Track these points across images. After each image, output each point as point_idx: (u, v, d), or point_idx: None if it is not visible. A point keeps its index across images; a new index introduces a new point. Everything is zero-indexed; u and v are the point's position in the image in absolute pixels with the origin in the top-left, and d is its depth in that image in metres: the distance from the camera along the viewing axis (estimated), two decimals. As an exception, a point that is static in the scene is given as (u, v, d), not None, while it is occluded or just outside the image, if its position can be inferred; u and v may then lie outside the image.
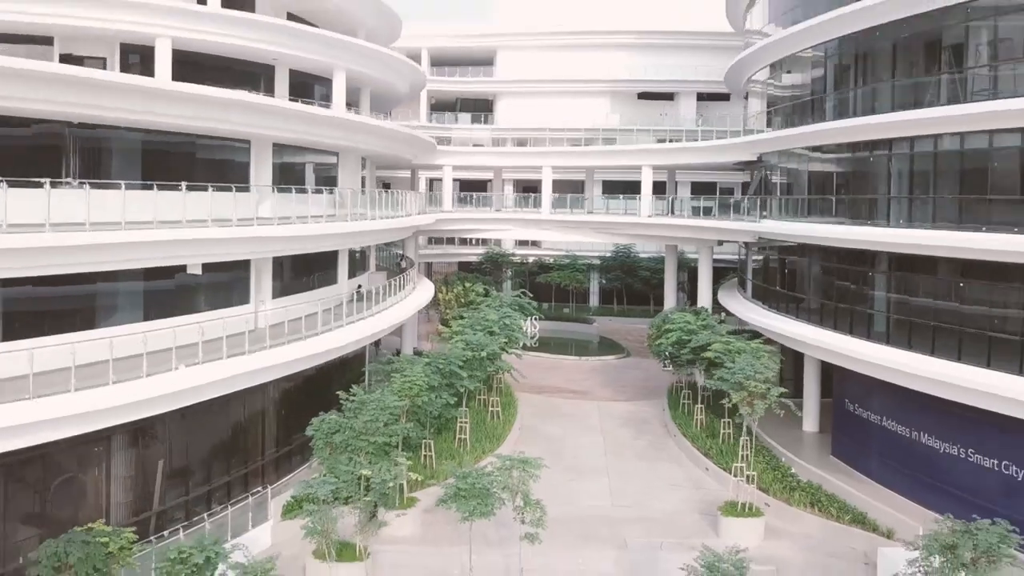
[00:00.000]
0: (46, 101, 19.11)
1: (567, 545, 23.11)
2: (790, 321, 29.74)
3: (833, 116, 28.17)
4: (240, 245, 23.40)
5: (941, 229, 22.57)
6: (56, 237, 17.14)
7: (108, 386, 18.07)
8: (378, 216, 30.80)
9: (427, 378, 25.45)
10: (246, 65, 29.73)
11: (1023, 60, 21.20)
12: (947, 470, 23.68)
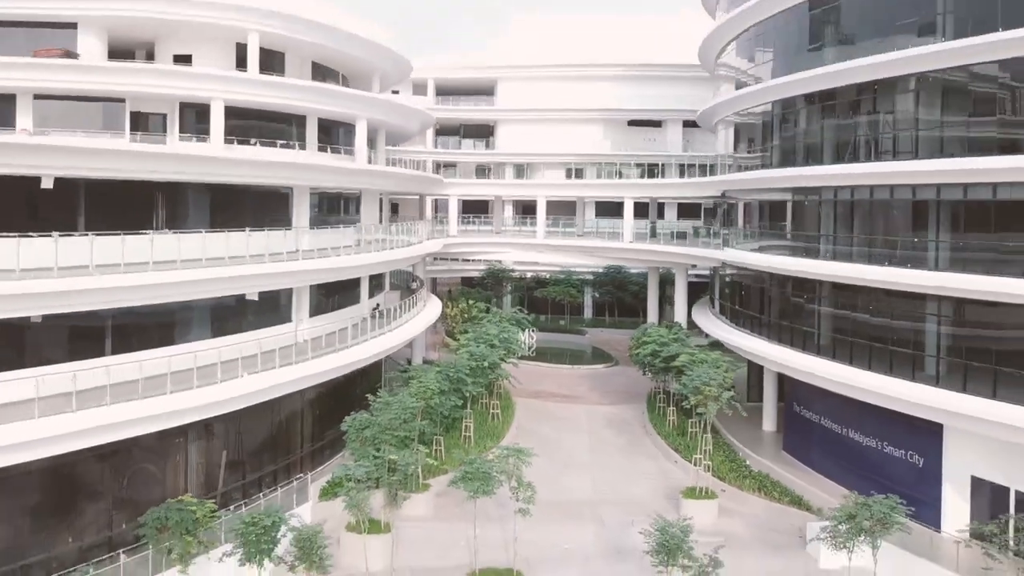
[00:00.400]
0: (149, 171, 24.26)
1: (555, 522, 28.13)
2: (749, 337, 34.81)
3: (777, 165, 33.37)
4: (287, 277, 28.53)
5: (857, 263, 27.70)
6: (156, 276, 22.26)
7: (192, 390, 23.14)
8: (395, 246, 35.97)
9: (438, 384, 30.57)
10: (283, 116, 34.99)
11: (912, 130, 26.35)
12: (868, 459, 28.74)
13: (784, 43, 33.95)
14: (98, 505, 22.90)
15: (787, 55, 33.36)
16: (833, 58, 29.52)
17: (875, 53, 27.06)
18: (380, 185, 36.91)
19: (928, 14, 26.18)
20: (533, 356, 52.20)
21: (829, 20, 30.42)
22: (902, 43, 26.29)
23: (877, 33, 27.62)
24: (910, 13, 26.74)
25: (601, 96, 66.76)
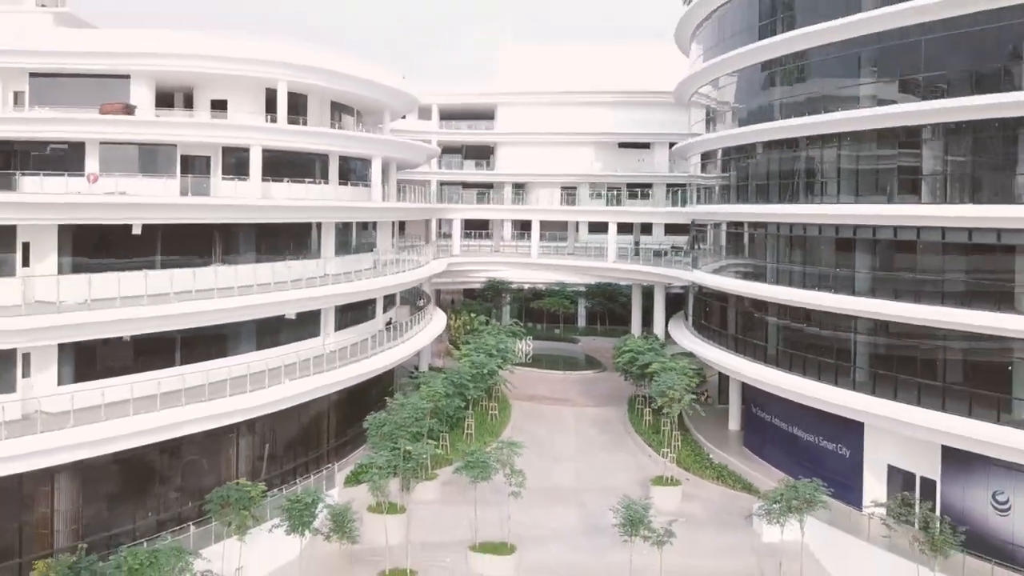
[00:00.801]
0: (209, 217, 29.59)
1: (544, 506, 33.41)
2: (712, 348, 40.08)
3: (734, 198, 38.76)
4: (318, 300, 33.84)
5: (795, 288, 33.02)
6: (221, 302, 27.66)
7: (245, 394, 28.45)
8: (406, 269, 41.32)
9: (445, 388, 35.86)
10: (309, 155, 40.38)
11: (835, 178, 31.72)
12: (808, 452, 34.00)
13: (742, 90, 39.43)
14: (169, 487, 28.19)
15: (746, 97, 38.86)
16: (780, 113, 34.90)
17: (813, 111, 32.49)
18: (394, 217, 42.34)
19: (847, 86, 31.58)
20: (529, 363, 57.30)
21: (775, 82, 35.81)
22: (832, 106, 31.68)
23: (807, 102, 33.11)
24: (833, 86, 32.21)
25: (593, 120, 71.85)
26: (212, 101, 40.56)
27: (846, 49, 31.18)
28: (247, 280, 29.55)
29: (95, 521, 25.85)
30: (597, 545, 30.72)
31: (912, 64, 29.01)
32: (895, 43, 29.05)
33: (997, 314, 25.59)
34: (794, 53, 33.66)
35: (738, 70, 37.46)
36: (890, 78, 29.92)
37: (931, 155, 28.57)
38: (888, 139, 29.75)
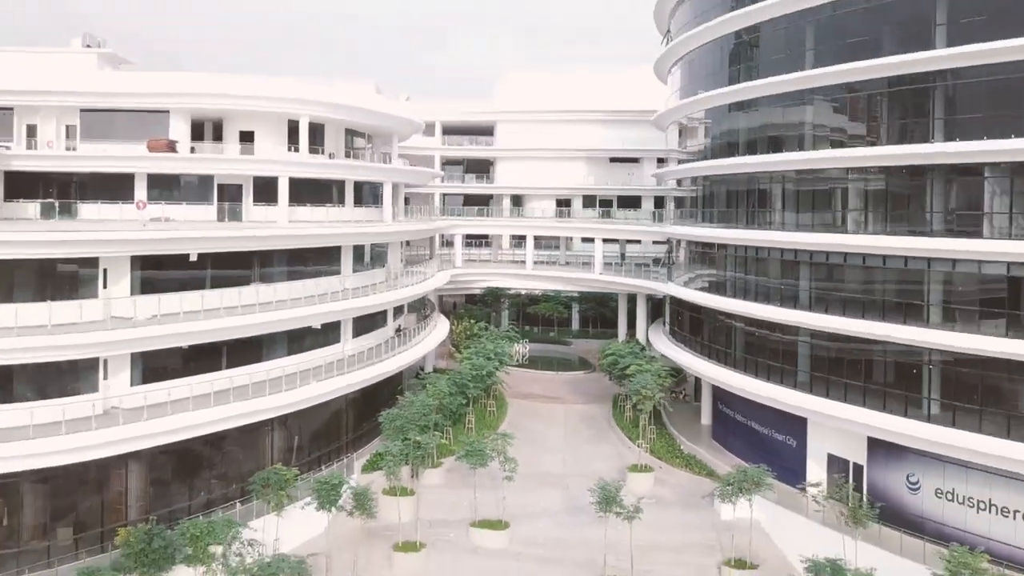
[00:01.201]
0: (256, 245, 34.90)
1: (534, 489, 38.64)
2: (683, 352, 45.33)
3: (700, 221, 44.06)
4: (339, 313, 39.15)
5: (750, 301, 38.29)
6: (260, 316, 33.00)
7: (279, 393, 33.76)
8: (413, 283, 46.65)
9: (448, 388, 41.14)
10: (328, 182, 45.69)
11: (781, 209, 37.00)
12: (764, 443, 39.21)
13: (707, 124, 44.78)
14: (216, 471, 33.51)
15: (712, 131, 44.17)
16: (740, 149, 40.20)
17: (764, 151, 37.85)
18: (403, 237, 47.66)
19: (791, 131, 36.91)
20: (526, 364, 62.62)
21: (734, 122, 41.16)
22: (781, 147, 36.98)
23: (760, 141, 38.50)
24: (782, 129, 37.53)
25: (586, 137, 76.84)
26: (240, 132, 45.89)
27: (791, 99, 36.46)
28: (281, 296, 34.92)
29: (158, 498, 31.16)
30: (578, 522, 35.97)
31: (839, 119, 34.31)
32: (828, 98, 34.32)
33: (908, 326, 30.83)
34: (747, 100, 38.97)
35: (703, 110, 42.74)
36: (828, 128, 35.19)
37: (855, 193, 33.82)
38: (822, 178, 35.02)
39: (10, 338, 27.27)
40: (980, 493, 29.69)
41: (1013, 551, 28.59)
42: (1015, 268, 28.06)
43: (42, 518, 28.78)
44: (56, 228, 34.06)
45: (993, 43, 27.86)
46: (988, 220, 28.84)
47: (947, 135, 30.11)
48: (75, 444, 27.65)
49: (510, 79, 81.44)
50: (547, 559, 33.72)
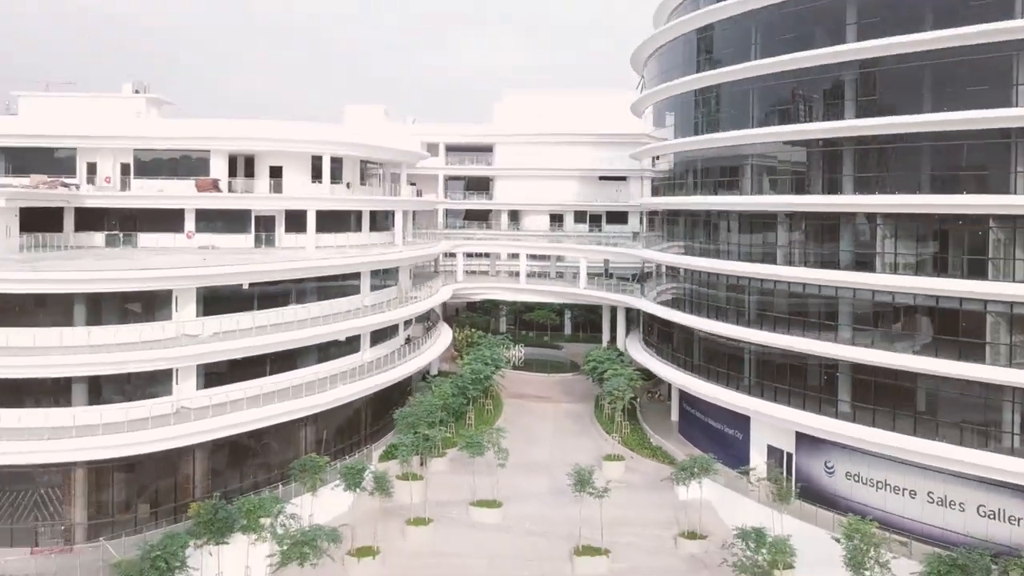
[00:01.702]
0: (295, 273, 42.27)
1: (523, 475, 45.96)
2: (654, 360, 52.60)
3: (666, 240, 51.39)
4: (359, 328, 46.52)
5: (704, 317, 45.59)
6: (297, 333, 40.33)
7: (312, 396, 41.10)
8: (421, 299, 53.99)
9: (451, 389, 48.44)
10: (348, 212, 53.06)
11: (727, 242, 44.26)
12: (718, 436, 46.50)
13: (671, 167, 52.10)
14: (261, 459, 40.83)
15: (670, 169, 51.50)
16: (691, 189, 47.48)
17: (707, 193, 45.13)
18: (411, 262, 55.08)
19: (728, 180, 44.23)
20: (521, 367, 69.77)
21: (693, 167, 48.47)
22: (720, 189, 44.26)
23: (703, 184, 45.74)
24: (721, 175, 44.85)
25: (577, 157, 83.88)
26: (271, 167, 53.35)
27: (731, 152, 43.87)
28: (313, 314, 42.29)
29: (217, 481, 38.46)
30: (560, 502, 43.21)
31: (773, 170, 41.56)
32: (762, 153, 41.62)
33: (822, 342, 38.10)
34: (697, 149, 46.35)
35: (662, 155, 50.06)
36: (763, 176, 42.49)
37: (783, 232, 41.12)
38: (758, 217, 42.31)
39: (104, 354, 34.60)
40: (879, 475, 36.97)
41: (903, 521, 35.86)
42: (899, 296, 35.34)
43: (127, 496, 36.11)
44: (123, 256, 41.55)
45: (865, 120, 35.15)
46: (880, 258, 36.10)
47: (856, 188, 37.34)
48: (156, 437, 34.97)
49: (507, 101, 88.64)
50: (534, 532, 41.01)
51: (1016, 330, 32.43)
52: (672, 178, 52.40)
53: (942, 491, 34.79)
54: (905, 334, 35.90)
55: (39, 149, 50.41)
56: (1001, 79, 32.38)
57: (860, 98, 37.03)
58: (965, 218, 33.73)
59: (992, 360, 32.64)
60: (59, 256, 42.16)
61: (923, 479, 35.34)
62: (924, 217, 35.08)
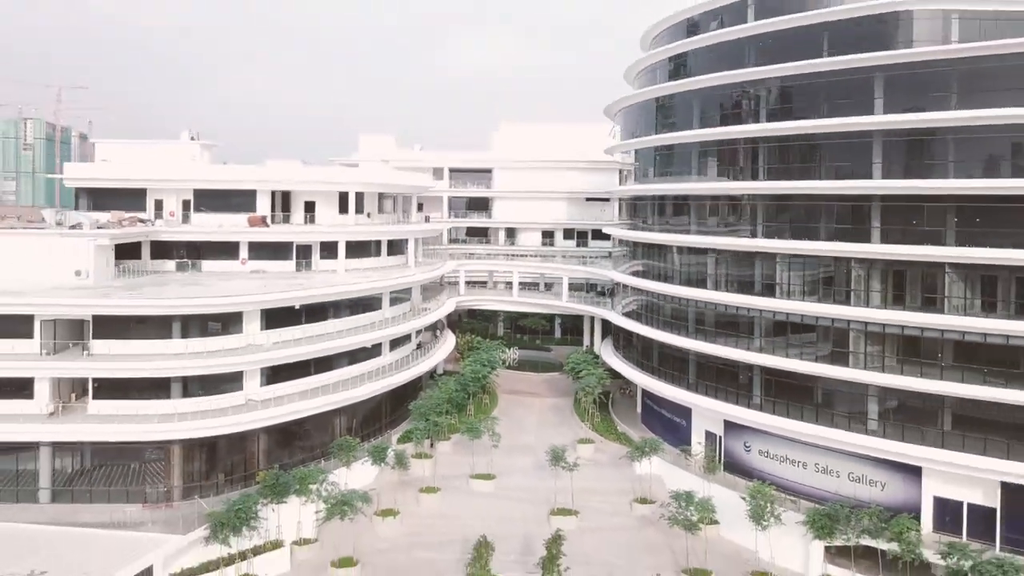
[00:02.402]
0: (333, 295, 53.80)
1: (513, 456, 57.44)
2: (620, 362, 63.97)
3: (630, 260, 62.84)
4: (381, 337, 58.01)
5: (656, 328, 57.03)
6: (334, 342, 51.83)
7: (346, 391, 52.57)
8: (431, 310, 65.48)
9: (454, 386, 59.95)
10: (369, 241, 64.58)
11: (676, 269, 55.68)
12: (669, 424, 57.92)
13: (631, 204, 63.47)
14: (306, 440, 52.28)
15: (632, 205, 62.88)
16: (649, 221, 58.93)
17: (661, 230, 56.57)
18: (422, 282, 66.52)
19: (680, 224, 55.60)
20: (515, 367, 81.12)
21: (649, 205, 59.84)
22: (670, 229, 55.67)
23: (654, 219, 57.18)
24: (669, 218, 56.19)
25: (566, 181, 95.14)
26: (305, 203, 64.83)
27: (674, 198, 55.19)
28: (349, 326, 53.85)
29: (274, 456, 49.88)
30: (541, 476, 54.51)
31: (704, 218, 52.95)
32: (697, 203, 53.06)
33: (739, 349, 49.43)
34: (649, 194, 57.74)
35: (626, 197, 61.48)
36: (698, 221, 53.90)
37: (711, 263, 52.50)
38: (696, 252, 53.72)
39: (190, 360, 46.08)
40: (781, 452, 48.31)
41: (796, 485, 47.20)
42: (793, 316, 46.78)
43: (209, 466, 47.54)
44: (194, 281, 53.02)
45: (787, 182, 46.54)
46: (779, 287, 47.51)
47: (765, 233, 48.74)
48: (230, 423, 46.42)
49: (504, 131, 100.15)
50: (520, 499, 52.38)
51: (871, 342, 43.77)
52: (633, 211, 63.71)
53: (824, 463, 46.18)
54: (801, 344, 47.22)
55: (116, 190, 61.92)
56: (861, 158, 43.76)
57: (769, 164, 48.37)
58: (837, 260, 45.06)
59: (854, 365, 43.97)
60: (147, 282, 53.67)
61: (811, 454, 46.73)
62: (812, 258, 46.41)
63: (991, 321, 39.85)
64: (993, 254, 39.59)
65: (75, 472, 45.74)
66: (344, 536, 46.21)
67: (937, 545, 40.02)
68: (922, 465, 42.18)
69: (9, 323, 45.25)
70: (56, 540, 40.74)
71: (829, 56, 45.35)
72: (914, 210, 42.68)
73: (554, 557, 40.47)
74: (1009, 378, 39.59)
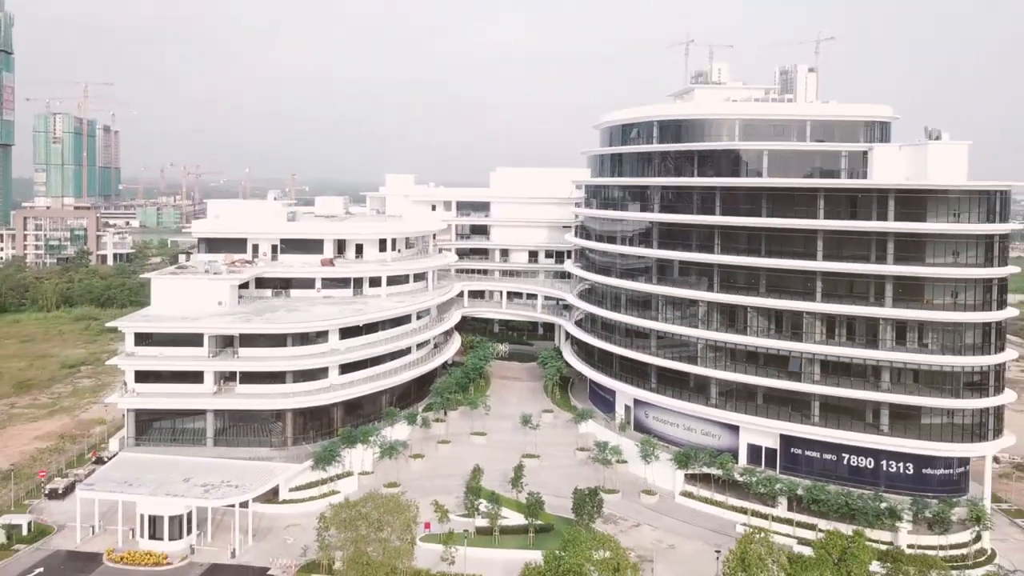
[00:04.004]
0: (383, 316, 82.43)
1: (498, 420, 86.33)
2: (574, 358, 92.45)
3: (574, 290, 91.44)
4: (412, 342, 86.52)
5: (595, 337, 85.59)
6: (383, 347, 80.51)
7: (388, 378, 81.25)
8: (446, 320, 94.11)
9: (461, 373, 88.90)
10: (403, 275, 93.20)
11: (618, 299, 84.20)
12: (605, 400, 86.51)
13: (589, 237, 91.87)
14: (363, 409, 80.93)
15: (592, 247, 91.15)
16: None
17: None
18: (438, 302, 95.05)
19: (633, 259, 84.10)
20: (505, 358, 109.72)
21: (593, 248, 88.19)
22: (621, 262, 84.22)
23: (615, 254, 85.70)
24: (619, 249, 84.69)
25: (548, 212, 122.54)
26: (356, 245, 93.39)
27: (622, 228, 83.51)
28: (390, 336, 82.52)
29: (345, 420, 78.39)
30: (517, 433, 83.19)
31: (633, 259, 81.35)
32: (634, 232, 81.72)
33: (640, 352, 77.78)
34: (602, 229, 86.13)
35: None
36: (631, 260, 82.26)
37: (623, 296, 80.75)
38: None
39: (296, 360, 74.62)
40: (666, 417, 76.84)
41: (672, 438, 75.78)
42: (668, 334, 75.18)
43: (307, 425, 76.16)
44: (287, 306, 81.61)
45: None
46: (661, 315, 75.84)
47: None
48: (320, 399, 75.07)
49: (499, 173, 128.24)
50: (502, 447, 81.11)
51: (712, 352, 72.04)
52: (580, 253, 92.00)
53: (687, 423, 74.74)
54: (678, 350, 75.45)
55: (226, 239, 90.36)
56: (709, 238, 72.01)
57: (660, 239, 76.67)
58: (691, 301, 73.26)
59: (702, 364, 72.29)
60: (261, 307, 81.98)
61: (681, 419, 75.30)
62: (678, 299, 74.53)
63: (771, 341, 68.10)
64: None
65: (228, 427, 74.36)
66: (390, 469, 75.17)
67: (744, 471, 68.62)
68: (740, 424, 70.62)
69: (189, 338, 73.75)
70: (221, 468, 69.36)
71: (698, 173, 73.48)
72: (734, 274, 70.82)
73: (518, 478, 69.04)
74: (782, 375, 67.83)
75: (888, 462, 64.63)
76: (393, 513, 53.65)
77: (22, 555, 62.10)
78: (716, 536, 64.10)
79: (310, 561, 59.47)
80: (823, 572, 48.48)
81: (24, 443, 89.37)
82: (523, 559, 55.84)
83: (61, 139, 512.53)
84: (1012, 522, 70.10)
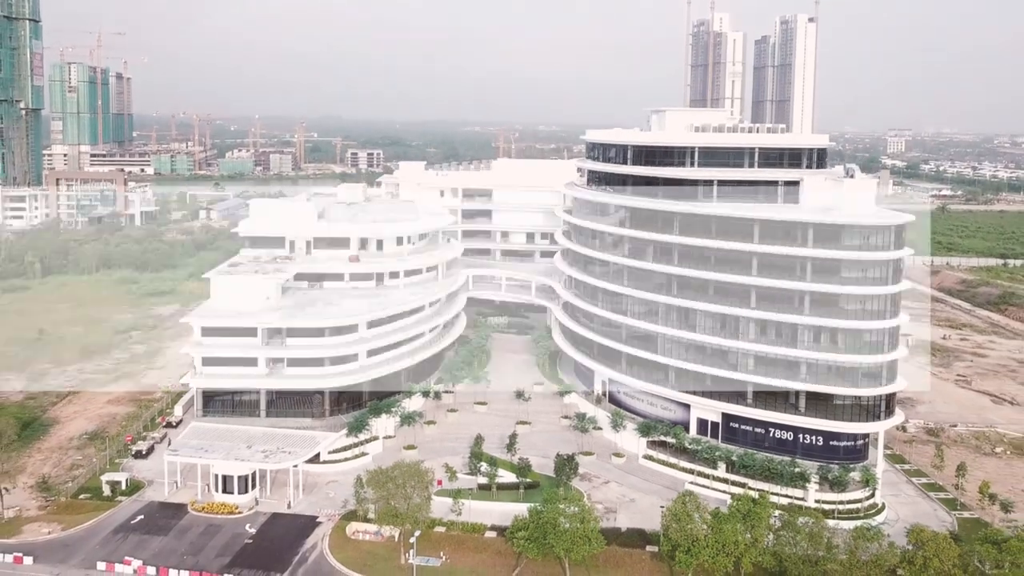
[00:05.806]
0: (402, 310, 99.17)
1: (498, 391, 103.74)
2: (562, 339, 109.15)
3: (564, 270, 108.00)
4: (428, 326, 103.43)
5: (577, 324, 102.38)
6: (405, 332, 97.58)
7: (408, 358, 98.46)
8: (454, 305, 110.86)
9: (467, 350, 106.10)
10: (418, 268, 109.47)
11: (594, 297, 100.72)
12: (586, 374, 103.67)
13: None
14: (387, 384, 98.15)
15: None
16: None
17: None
18: (448, 292, 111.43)
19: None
20: (505, 329, 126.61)
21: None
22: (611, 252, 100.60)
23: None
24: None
25: (543, 198, 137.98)
26: (377, 241, 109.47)
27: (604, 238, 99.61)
28: (408, 324, 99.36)
29: (372, 393, 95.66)
30: (512, 403, 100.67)
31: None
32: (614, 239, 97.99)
33: (616, 342, 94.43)
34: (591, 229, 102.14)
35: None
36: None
37: (601, 292, 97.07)
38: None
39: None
40: (635, 394, 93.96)
41: (639, 410, 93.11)
42: (635, 328, 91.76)
43: (342, 399, 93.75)
44: (322, 299, 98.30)
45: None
46: (631, 312, 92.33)
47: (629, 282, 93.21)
48: (352, 379, 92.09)
49: (500, 162, 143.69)
50: (501, 415, 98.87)
51: (669, 344, 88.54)
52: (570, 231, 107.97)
53: (651, 399, 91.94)
54: (645, 339, 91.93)
55: (266, 237, 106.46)
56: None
57: (630, 247, 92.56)
58: (662, 304, 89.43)
59: (662, 354, 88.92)
60: (301, 299, 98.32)
61: (646, 396, 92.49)
62: (646, 300, 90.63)
63: (716, 338, 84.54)
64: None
65: (278, 401, 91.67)
66: (408, 434, 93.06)
67: (693, 440, 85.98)
68: (691, 403, 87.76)
69: (243, 331, 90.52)
70: (275, 436, 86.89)
71: (663, 195, 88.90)
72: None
73: (513, 443, 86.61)
74: (724, 365, 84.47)
75: (804, 436, 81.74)
76: (415, 477, 71.09)
77: (124, 505, 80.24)
78: (669, 492, 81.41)
79: (349, 511, 77.34)
80: (735, 524, 65.58)
81: (100, 407, 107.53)
82: (514, 511, 73.35)
83: (76, 88, 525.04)
84: (908, 480, 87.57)
